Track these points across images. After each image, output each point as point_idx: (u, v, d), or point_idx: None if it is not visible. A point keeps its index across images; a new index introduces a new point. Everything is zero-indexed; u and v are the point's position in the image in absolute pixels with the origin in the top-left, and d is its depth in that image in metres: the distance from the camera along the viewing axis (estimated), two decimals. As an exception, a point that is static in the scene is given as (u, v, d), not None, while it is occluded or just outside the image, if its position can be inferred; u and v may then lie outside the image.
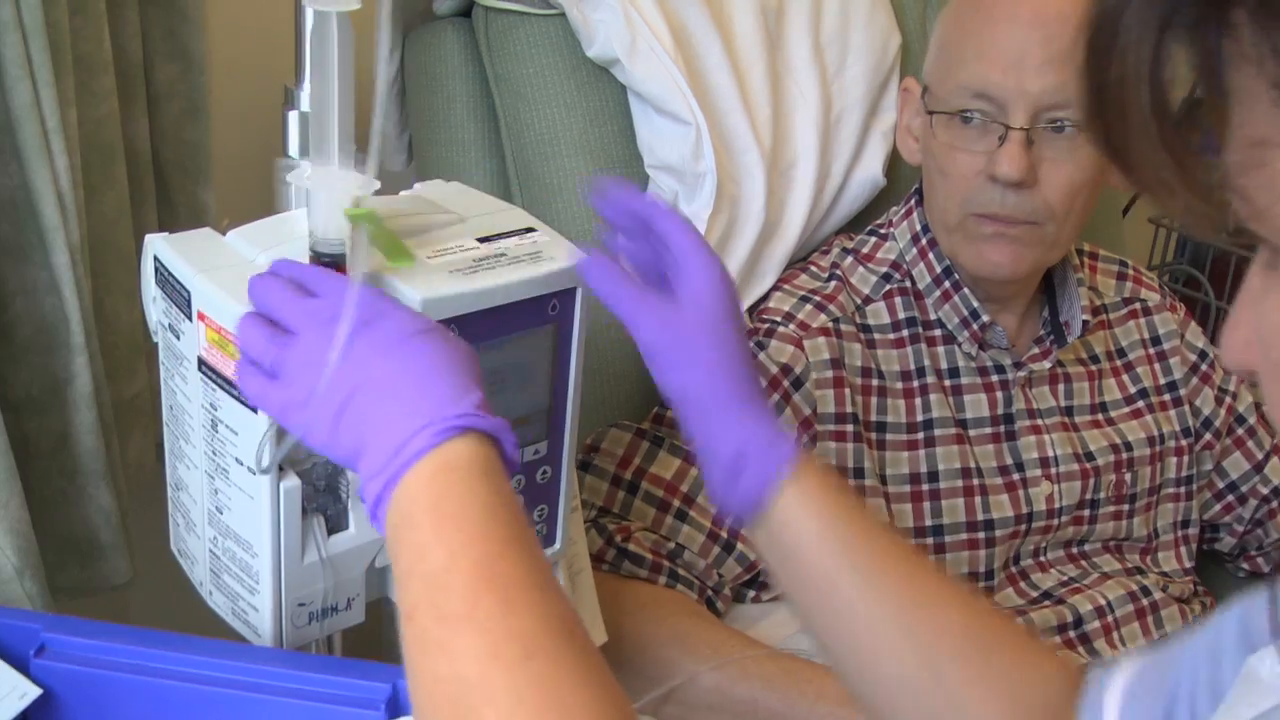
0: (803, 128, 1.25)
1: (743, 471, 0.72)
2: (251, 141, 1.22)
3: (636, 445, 1.13)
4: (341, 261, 0.71)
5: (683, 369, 0.73)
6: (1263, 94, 0.43)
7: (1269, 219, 0.45)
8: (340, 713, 0.72)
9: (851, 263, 1.20)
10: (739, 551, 1.11)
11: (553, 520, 0.87)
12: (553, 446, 0.84)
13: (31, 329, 0.98)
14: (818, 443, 1.12)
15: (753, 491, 0.71)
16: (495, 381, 0.78)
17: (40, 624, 0.76)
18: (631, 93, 1.20)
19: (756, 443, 0.72)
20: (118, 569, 1.06)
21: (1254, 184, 0.45)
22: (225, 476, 0.75)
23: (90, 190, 1.03)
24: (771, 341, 1.14)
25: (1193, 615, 1.20)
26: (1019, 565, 1.18)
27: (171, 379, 0.79)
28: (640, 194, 0.78)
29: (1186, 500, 1.25)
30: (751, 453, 0.72)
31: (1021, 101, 1.04)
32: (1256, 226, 0.46)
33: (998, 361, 1.17)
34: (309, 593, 0.78)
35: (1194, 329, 1.29)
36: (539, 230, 0.82)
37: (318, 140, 0.71)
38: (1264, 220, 0.46)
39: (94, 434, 1.01)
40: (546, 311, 0.79)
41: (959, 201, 1.09)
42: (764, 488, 0.71)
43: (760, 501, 0.72)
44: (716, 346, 0.73)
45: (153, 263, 0.78)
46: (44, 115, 0.92)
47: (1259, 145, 0.44)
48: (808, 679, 0.95)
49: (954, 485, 1.14)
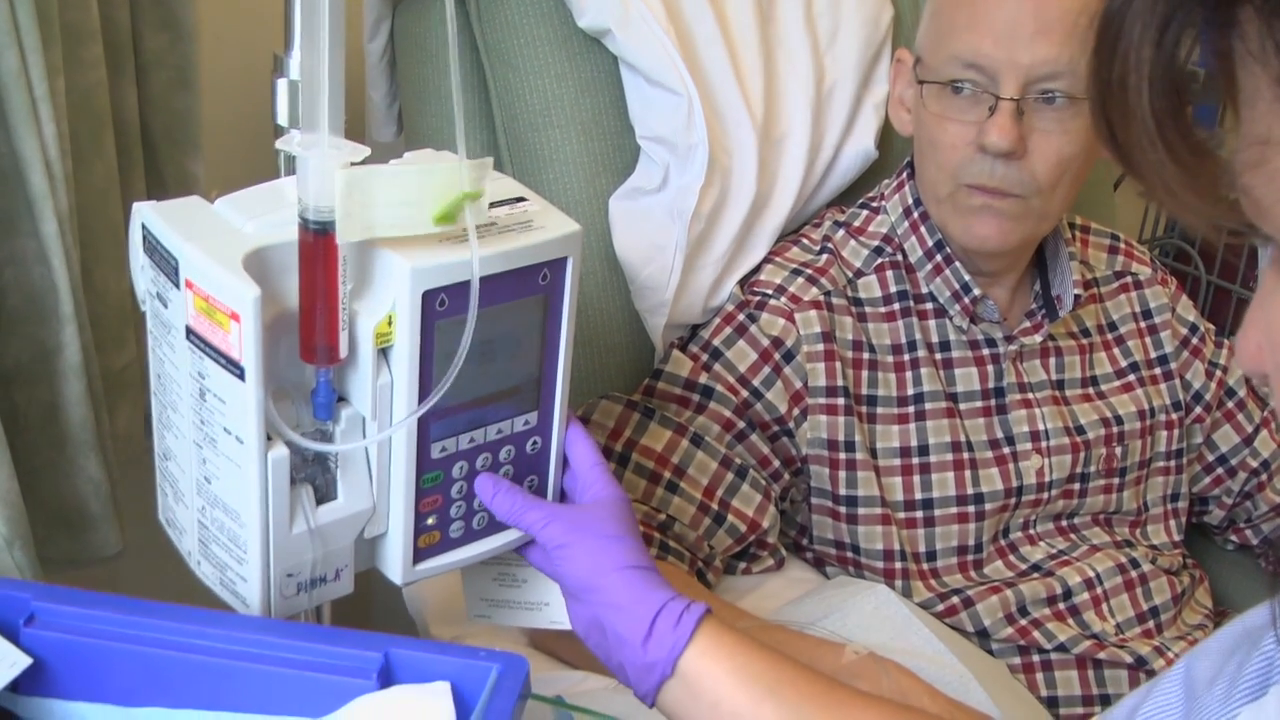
0: (795, 99, 1.24)
1: (660, 629, 0.76)
2: (241, 112, 1.21)
3: (627, 417, 1.13)
4: (331, 228, 0.70)
5: (595, 556, 0.78)
6: (1266, 91, 0.43)
7: (1273, 217, 0.45)
8: (333, 682, 0.72)
9: (843, 236, 1.20)
10: (730, 523, 1.11)
11: (542, 492, 0.86)
12: (543, 417, 0.84)
13: (20, 299, 0.98)
14: (808, 416, 1.13)
15: (671, 645, 0.75)
16: (484, 351, 0.78)
17: (30, 593, 0.75)
18: (623, 63, 1.19)
19: (672, 604, 0.76)
20: (107, 540, 1.06)
21: (1258, 182, 0.45)
22: (213, 446, 0.75)
23: (78, 160, 1.02)
24: (763, 314, 1.14)
25: (1181, 586, 1.21)
26: (1008, 538, 1.18)
27: (159, 348, 0.78)
28: None
29: (1176, 473, 1.25)
30: (667, 611, 0.76)
31: (1012, 72, 1.03)
32: (1261, 224, 0.46)
33: (989, 335, 1.17)
34: (297, 563, 0.77)
35: (1185, 303, 1.28)
36: (530, 200, 0.82)
37: (308, 108, 0.70)
38: (1268, 218, 0.46)
39: (83, 405, 1.01)
40: (537, 281, 0.79)
41: (949, 172, 1.09)
42: (683, 639, 0.75)
43: (677, 654, 0.75)
44: (624, 537, 0.79)
45: (140, 231, 0.77)
46: (31, 83, 0.92)
47: (1263, 143, 0.44)
48: (799, 650, 0.95)
49: (944, 459, 1.14)
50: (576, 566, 0.78)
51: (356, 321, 0.74)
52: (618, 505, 0.81)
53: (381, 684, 0.72)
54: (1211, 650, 0.62)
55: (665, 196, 1.18)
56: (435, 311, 0.74)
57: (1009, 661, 1.12)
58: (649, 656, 0.75)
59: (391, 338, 0.74)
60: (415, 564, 0.82)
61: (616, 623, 0.76)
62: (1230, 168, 0.46)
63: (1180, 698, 0.61)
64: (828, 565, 1.17)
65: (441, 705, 0.70)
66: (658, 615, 0.76)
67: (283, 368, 0.74)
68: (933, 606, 1.12)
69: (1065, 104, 1.04)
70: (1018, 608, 1.13)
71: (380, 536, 0.81)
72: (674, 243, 1.17)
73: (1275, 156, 0.44)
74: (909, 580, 1.14)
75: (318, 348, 0.73)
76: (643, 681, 0.76)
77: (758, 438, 1.13)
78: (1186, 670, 0.62)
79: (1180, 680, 0.62)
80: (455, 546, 0.83)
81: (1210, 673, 0.60)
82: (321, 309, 0.72)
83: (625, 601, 0.77)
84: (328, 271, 0.71)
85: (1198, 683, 0.60)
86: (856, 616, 1.02)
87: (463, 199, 0.72)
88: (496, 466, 0.82)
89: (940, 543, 1.15)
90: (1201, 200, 0.46)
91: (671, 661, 0.75)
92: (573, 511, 0.81)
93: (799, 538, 1.19)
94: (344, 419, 0.76)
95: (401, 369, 0.75)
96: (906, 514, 1.14)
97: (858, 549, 1.14)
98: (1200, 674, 0.61)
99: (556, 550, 0.79)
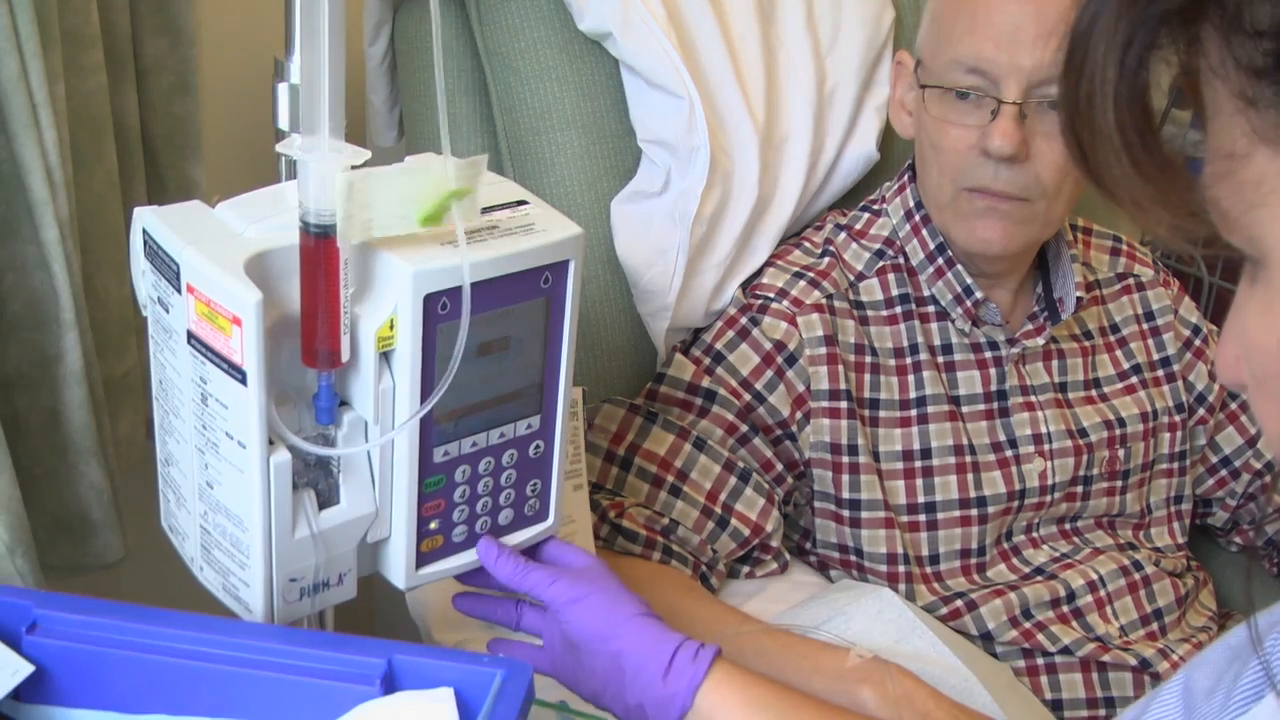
0: (796, 102, 1.24)
1: (679, 663, 0.78)
2: (241, 116, 1.21)
3: (630, 421, 1.12)
4: (332, 231, 0.70)
5: (609, 606, 0.81)
6: (1227, 104, 0.44)
7: (1240, 228, 0.46)
8: (336, 689, 0.72)
9: (845, 239, 1.20)
10: (733, 527, 1.11)
11: (545, 495, 0.86)
12: (545, 421, 0.84)
13: (21, 305, 0.98)
14: (811, 420, 1.12)
15: (690, 677, 0.78)
16: (486, 355, 0.78)
17: (32, 601, 0.75)
18: (624, 66, 1.19)
19: (688, 643, 0.80)
20: (109, 546, 1.06)
21: (1224, 194, 0.46)
22: (215, 451, 0.75)
23: (79, 165, 1.02)
24: (765, 318, 1.14)
25: (1185, 589, 1.20)
26: (1011, 541, 1.18)
27: (161, 353, 0.78)
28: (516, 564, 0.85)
29: (1179, 475, 1.24)
30: (684, 648, 0.79)
31: (1014, 76, 1.03)
32: (1230, 236, 0.47)
33: (991, 338, 1.17)
34: (300, 568, 0.77)
35: (1187, 304, 1.28)
36: (531, 203, 0.82)
37: (308, 112, 0.70)
38: (1236, 230, 0.47)
39: (85, 411, 1.00)
40: (539, 284, 0.78)
41: (951, 176, 1.09)
42: (701, 672, 0.78)
43: (696, 683, 0.78)
44: (625, 589, 0.83)
45: (142, 236, 0.77)
46: (31, 88, 0.92)
47: (1228, 156, 0.45)
48: (803, 654, 0.95)
49: (947, 462, 1.14)
50: (592, 617, 0.81)
51: (358, 325, 0.74)
52: (604, 566, 0.85)
53: (385, 690, 0.72)
54: (1210, 660, 0.62)
55: (667, 200, 1.18)
56: (437, 315, 0.74)
57: (1013, 665, 1.12)
58: (669, 688, 0.78)
59: (393, 341, 0.74)
60: (418, 568, 0.82)
61: (636, 662, 0.79)
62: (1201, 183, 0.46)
63: (1179, 708, 0.61)
64: (831, 569, 1.17)
65: (445, 711, 0.70)
66: (676, 651, 0.79)
67: (284, 372, 0.74)
68: (936, 610, 1.12)
69: None
70: (1021, 611, 1.13)
71: (383, 541, 0.81)
72: (676, 246, 1.17)
73: (1240, 169, 0.45)
74: (912, 584, 1.13)
75: (319, 352, 0.72)
76: (663, 716, 0.78)
77: (760, 441, 1.12)
78: (1186, 681, 0.62)
79: (1179, 691, 0.62)
80: (458, 550, 0.83)
81: (1209, 683, 0.60)
82: (323, 313, 0.72)
83: (644, 643, 0.80)
84: (329, 275, 0.71)
85: (1196, 693, 0.60)
86: (860, 620, 1.02)
87: (448, 198, 0.72)
88: (499, 471, 0.82)
89: (943, 546, 1.14)
90: (1170, 214, 0.47)
91: (691, 691, 0.77)
92: (572, 571, 0.84)
93: (802, 541, 1.19)
94: (346, 423, 0.76)
95: (403, 372, 0.75)
96: (909, 517, 1.14)
97: (861, 552, 1.14)
98: (1199, 684, 0.61)
99: (569, 605, 0.81)
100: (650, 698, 0.78)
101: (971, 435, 1.15)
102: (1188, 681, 0.62)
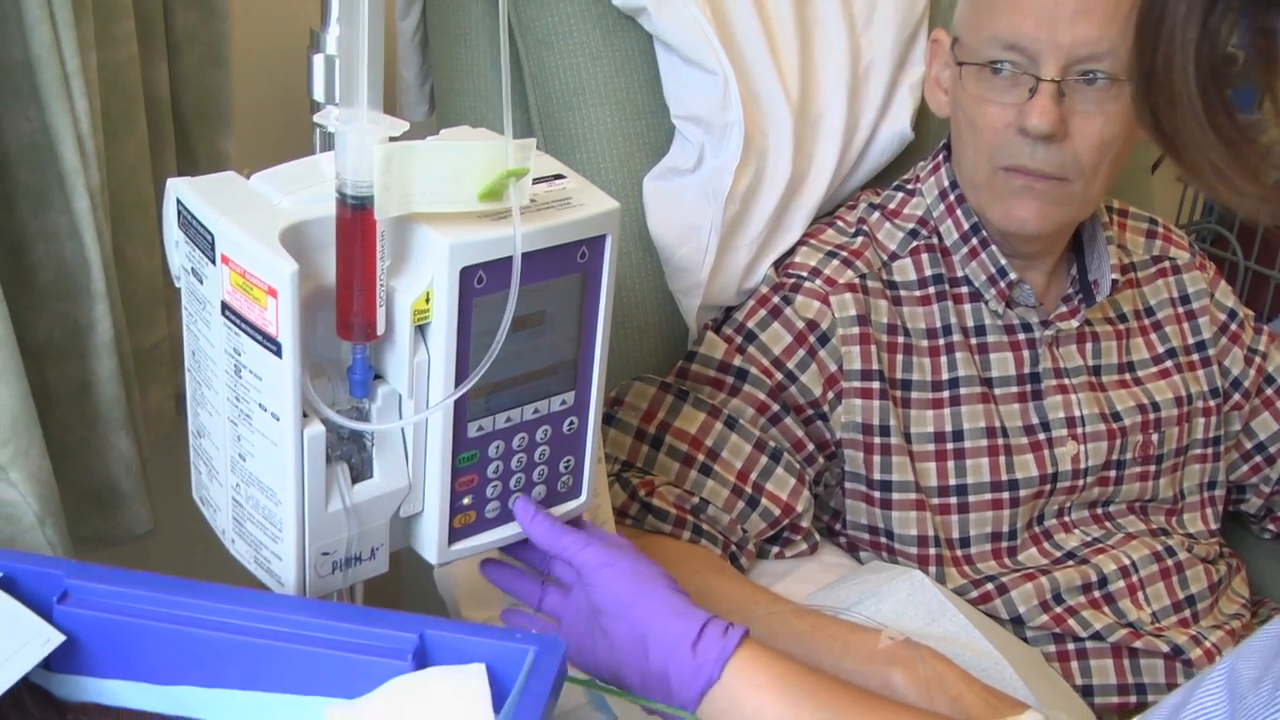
0: (831, 80, 1.23)
1: (709, 635, 0.78)
2: (273, 89, 1.21)
3: (661, 399, 1.12)
4: (369, 203, 0.70)
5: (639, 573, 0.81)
6: None
7: None
8: (368, 663, 0.71)
9: (878, 218, 1.19)
10: (763, 507, 1.10)
11: (579, 472, 0.86)
12: (580, 398, 0.83)
13: (52, 275, 0.98)
14: (843, 400, 1.12)
15: (720, 649, 0.77)
16: (522, 330, 0.77)
17: (63, 570, 0.75)
18: (658, 42, 1.18)
19: (717, 619, 0.79)
20: (139, 518, 1.06)
21: None
22: (248, 423, 0.74)
23: (110, 136, 1.02)
24: (798, 297, 1.13)
25: (1218, 575, 1.20)
26: (1043, 525, 1.17)
27: (194, 324, 0.78)
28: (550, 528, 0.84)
29: (1213, 461, 1.24)
30: (714, 623, 0.78)
31: (1053, 53, 1.02)
32: None
33: (1024, 320, 1.16)
34: (333, 542, 0.77)
35: (1223, 288, 1.27)
36: (568, 176, 0.81)
37: (346, 82, 0.70)
38: None
39: (114, 382, 1.00)
40: (575, 259, 0.78)
41: (988, 155, 1.08)
42: (731, 646, 0.77)
43: (726, 656, 0.77)
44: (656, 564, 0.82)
45: (175, 206, 0.76)
46: (64, 58, 0.91)
47: None
48: (833, 635, 0.94)
49: (979, 444, 1.14)
50: (622, 583, 0.80)
51: (394, 298, 0.73)
52: (634, 546, 0.84)
53: (416, 665, 0.71)
54: (1256, 649, 0.61)
55: (700, 176, 1.18)
56: (473, 288, 0.73)
57: (1044, 649, 1.11)
58: (699, 659, 0.77)
59: (429, 315, 0.74)
60: (451, 544, 0.81)
61: (664, 632, 0.78)
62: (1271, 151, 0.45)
63: (1225, 698, 0.60)
64: (861, 550, 1.17)
65: (477, 687, 0.70)
66: (705, 625, 0.78)
67: (319, 344, 0.74)
68: (966, 593, 1.12)
69: (1106, 85, 1.03)
70: (1052, 595, 1.12)
71: (415, 516, 0.81)
72: (709, 223, 1.17)
73: None
74: (942, 566, 1.13)
75: (355, 324, 0.72)
76: (688, 687, 0.77)
77: (792, 421, 1.12)
78: (1230, 670, 0.61)
79: (1224, 680, 0.61)
80: (491, 526, 0.83)
81: (1255, 672, 0.59)
82: (359, 285, 0.71)
83: (673, 612, 0.79)
84: (365, 247, 0.70)
85: (1242, 682, 0.59)
86: (891, 602, 1.01)
87: (507, 176, 0.71)
88: (533, 447, 0.82)
89: (974, 529, 1.14)
90: (1250, 183, 0.46)
91: (721, 663, 0.76)
92: (607, 538, 0.83)
93: (832, 522, 1.19)
94: (380, 396, 0.76)
95: (439, 346, 0.74)
96: (940, 499, 1.13)
97: (891, 534, 1.14)
98: (1245, 674, 0.60)
99: (599, 569, 0.80)
100: (676, 666, 0.77)
101: (1004, 418, 1.15)
102: (1233, 670, 0.61)
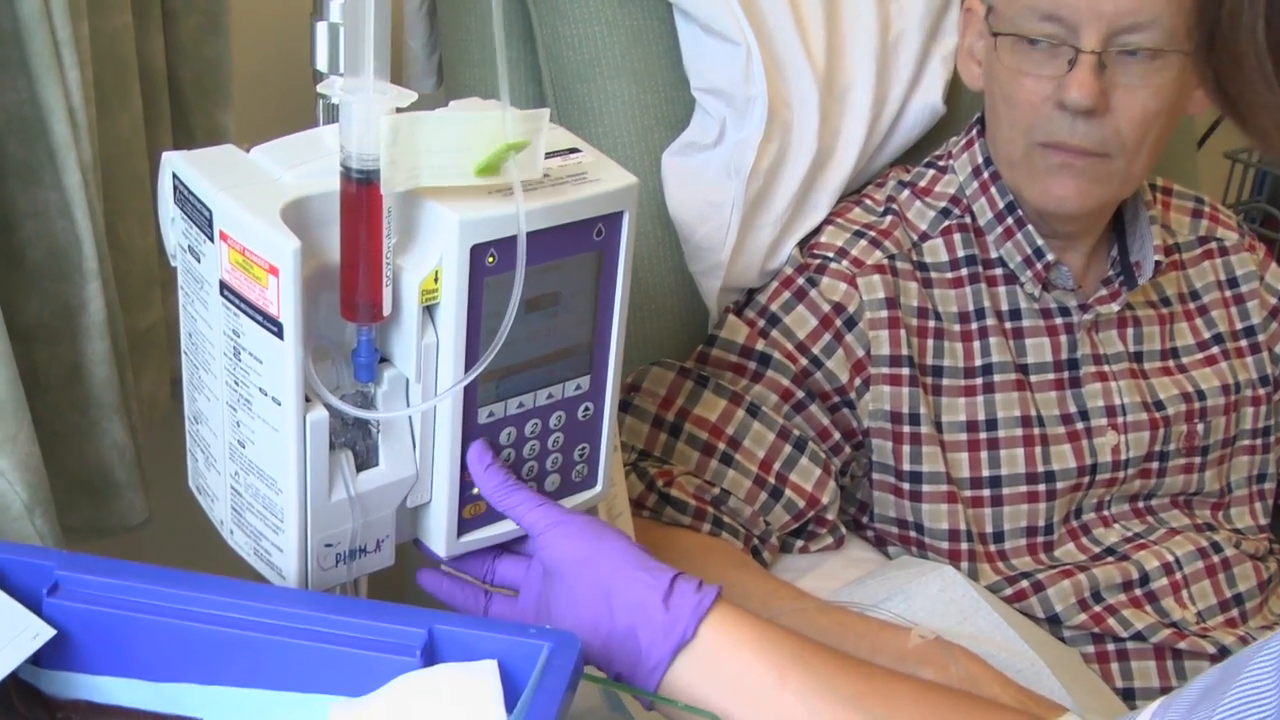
0: (858, 50, 1.20)
1: (682, 589, 0.73)
2: (273, 60, 1.18)
3: (679, 385, 1.10)
4: (375, 177, 0.67)
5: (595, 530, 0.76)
6: None
7: None
8: (374, 659, 0.69)
9: (908, 196, 1.17)
10: (787, 498, 1.08)
11: (594, 460, 0.83)
12: (595, 383, 0.80)
13: (42, 253, 0.95)
14: (871, 386, 1.10)
15: (695, 604, 0.72)
16: (535, 311, 0.75)
17: (54, 561, 0.73)
18: (678, 10, 1.16)
19: (687, 575, 0.74)
20: (132, 507, 1.04)
21: None
22: (248, 408, 0.72)
23: (103, 109, 1.00)
24: (823, 278, 1.12)
25: (1268, 573, 1.17)
26: (1080, 519, 1.15)
27: (191, 304, 0.76)
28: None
29: (1263, 453, 1.21)
30: (684, 578, 0.74)
31: (1094, 23, 0.99)
32: None
33: (1062, 303, 1.14)
34: (336, 533, 0.75)
35: (1274, 270, 1.24)
36: (584, 150, 0.79)
37: (350, 51, 0.67)
38: None
39: (107, 365, 0.98)
40: (591, 237, 0.75)
41: (1024, 130, 1.06)
42: (707, 603, 0.72)
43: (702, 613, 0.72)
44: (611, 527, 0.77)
45: (170, 181, 0.74)
46: (54, 26, 0.89)
47: None
48: (861, 633, 0.92)
49: (1013, 434, 1.11)
50: (576, 540, 0.74)
51: (401, 277, 0.71)
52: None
53: (425, 662, 0.69)
54: None
55: (722, 152, 1.15)
56: (484, 267, 0.71)
57: (1082, 650, 1.09)
58: (671, 613, 0.71)
59: (438, 295, 0.71)
60: (460, 535, 0.79)
61: (629, 585, 0.72)
62: None
63: (1276, 684, 0.57)
64: (889, 544, 1.14)
65: (489, 684, 0.67)
66: (675, 578, 0.73)
67: (322, 326, 0.71)
68: (1000, 590, 1.09)
69: (1149, 57, 1.00)
70: (1091, 593, 1.09)
71: (423, 506, 0.78)
72: (730, 201, 1.14)
73: None
74: (975, 562, 1.10)
75: (360, 304, 0.69)
76: (659, 645, 0.72)
77: (817, 408, 1.10)
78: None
79: (1275, 666, 0.58)
80: (502, 518, 0.80)
81: None
82: (364, 263, 0.68)
83: (637, 566, 0.73)
84: (371, 224, 0.68)
85: None
86: (921, 599, 0.99)
87: (506, 150, 0.69)
88: (547, 434, 0.80)
89: (1009, 523, 1.11)
90: None
91: (696, 620, 0.71)
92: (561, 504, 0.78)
93: (859, 515, 1.16)
94: (386, 380, 0.73)
95: (448, 328, 0.72)
96: (973, 492, 1.11)
97: (921, 528, 1.11)
98: None
99: (551, 528, 0.75)
100: (645, 622, 0.72)
101: (1040, 406, 1.12)
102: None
